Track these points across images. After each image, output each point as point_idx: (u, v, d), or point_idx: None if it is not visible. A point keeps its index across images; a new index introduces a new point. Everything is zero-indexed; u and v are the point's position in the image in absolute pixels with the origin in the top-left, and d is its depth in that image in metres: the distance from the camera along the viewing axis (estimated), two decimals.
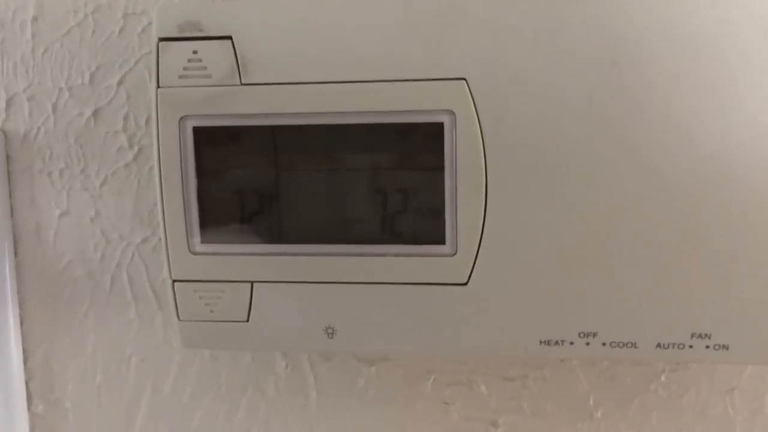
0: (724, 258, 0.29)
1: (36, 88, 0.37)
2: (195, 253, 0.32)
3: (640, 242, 0.29)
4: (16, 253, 0.39)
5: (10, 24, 0.36)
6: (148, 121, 0.36)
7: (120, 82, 0.36)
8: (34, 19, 0.36)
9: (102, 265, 0.38)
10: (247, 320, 0.32)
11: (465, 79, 0.29)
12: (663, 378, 0.36)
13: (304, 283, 0.31)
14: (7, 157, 0.38)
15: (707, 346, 0.30)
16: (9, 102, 0.37)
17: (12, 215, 0.38)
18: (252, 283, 0.32)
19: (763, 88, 0.28)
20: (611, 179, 0.29)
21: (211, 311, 0.32)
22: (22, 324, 0.40)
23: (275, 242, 0.32)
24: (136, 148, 0.37)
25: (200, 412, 0.40)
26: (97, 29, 0.36)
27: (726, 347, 0.30)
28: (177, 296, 0.32)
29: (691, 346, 0.30)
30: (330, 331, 0.32)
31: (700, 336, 0.30)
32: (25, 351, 0.40)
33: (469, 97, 0.29)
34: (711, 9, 0.28)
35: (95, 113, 0.37)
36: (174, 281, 0.32)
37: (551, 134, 0.29)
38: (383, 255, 0.31)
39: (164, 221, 0.32)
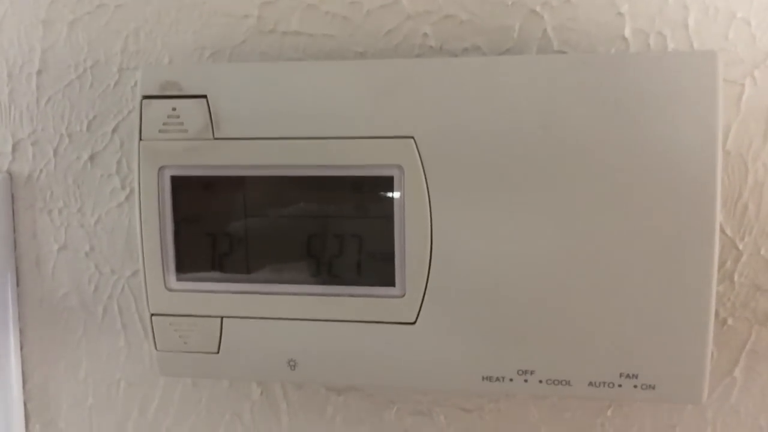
0: (651, 302, 0.31)
1: (39, 134, 0.41)
2: (171, 290, 0.35)
3: (572, 284, 0.32)
4: (18, 284, 0.42)
5: (17, 76, 0.40)
6: None
7: (114, 130, 0.40)
8: (39, 72, 0.40)
9: (95, 297, 0.42)
10: (218, 352, 0.35)
11: (413, 138, 0.32)
12: (609, 413, 0.38)
13: (269, 319, 0.34)
14: (12, 196, 0.42)
15: (635, 386, 0.32)
16: (15, 146, 0.41)
17: (15, 249, 0.42)
18: (222, 318, 0.35)
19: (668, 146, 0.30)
20: (544, 229, 0.32)
21: (185, 343, 0.35)
22: (22, 349, 0.43)
23: (243, 281, 0.35)
24: (127, 190, 0.40)
25: None
26: (94, 82, 0.40)
27: (652, 387, 0.32)
28: (154, 328, 0.35)
29: (620, 385, 0.32)
30: (292, 363, 0.35)
31: (628, 376, 0.32)
32: (24, 374, 0.43)
33: (416, 153, 0.32)
34: (620, 82, 0.31)
35: (92, 157, 0.40)
36: (152, 315, 0.35)
37: (489, 186, 0.32)
38: (339, 295, 0.34)
39: (143, 260, 0.35)
